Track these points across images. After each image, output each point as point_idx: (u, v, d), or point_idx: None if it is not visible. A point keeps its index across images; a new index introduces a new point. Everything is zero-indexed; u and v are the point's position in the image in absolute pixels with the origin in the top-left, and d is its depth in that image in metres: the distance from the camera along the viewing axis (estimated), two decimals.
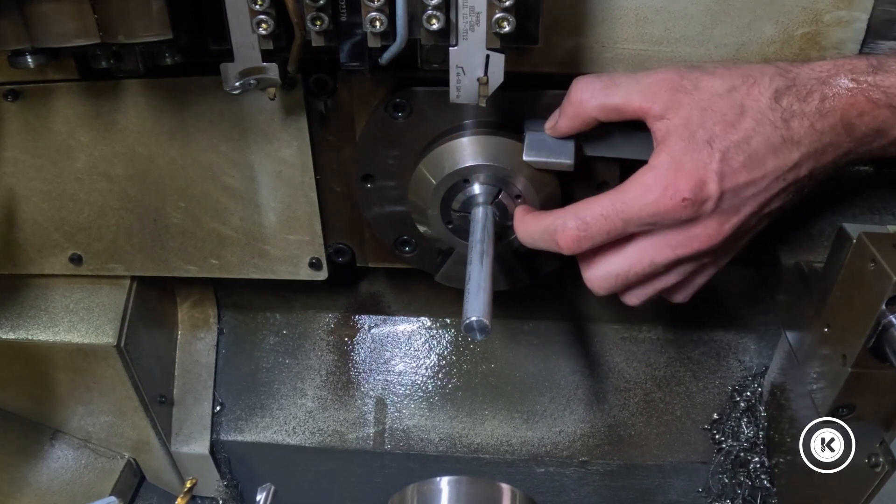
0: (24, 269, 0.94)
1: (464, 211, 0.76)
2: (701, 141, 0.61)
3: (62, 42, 0.62)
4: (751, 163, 0.61)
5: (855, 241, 0.65)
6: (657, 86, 0.63)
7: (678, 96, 0.62)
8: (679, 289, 0.71)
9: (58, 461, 1.05)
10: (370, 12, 0.60)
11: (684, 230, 0.63)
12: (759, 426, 0.97)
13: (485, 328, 0.61)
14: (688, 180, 0.61)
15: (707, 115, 0.61)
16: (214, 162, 0.84)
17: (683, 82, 0.62)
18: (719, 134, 0.61)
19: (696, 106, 0.62)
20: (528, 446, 1.03)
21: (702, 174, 0.61)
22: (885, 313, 0.60)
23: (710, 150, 0.61)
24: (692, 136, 0.61)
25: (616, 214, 0.63)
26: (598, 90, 0.65)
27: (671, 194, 0.61)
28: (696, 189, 0.61)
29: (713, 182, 0.61)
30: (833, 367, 0.67)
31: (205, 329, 1.09)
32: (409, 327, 1.07)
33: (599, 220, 0.64)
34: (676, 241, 0.64)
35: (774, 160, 0.62)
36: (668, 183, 0.61)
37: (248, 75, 0.67)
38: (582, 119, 0.67)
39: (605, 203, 0.64)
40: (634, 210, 0.62)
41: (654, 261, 0.65)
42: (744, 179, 0.62)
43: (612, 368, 1.04)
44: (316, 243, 0.89)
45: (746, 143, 0.61)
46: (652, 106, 0.63)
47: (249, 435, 1.06)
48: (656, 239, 0.64)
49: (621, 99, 0.64)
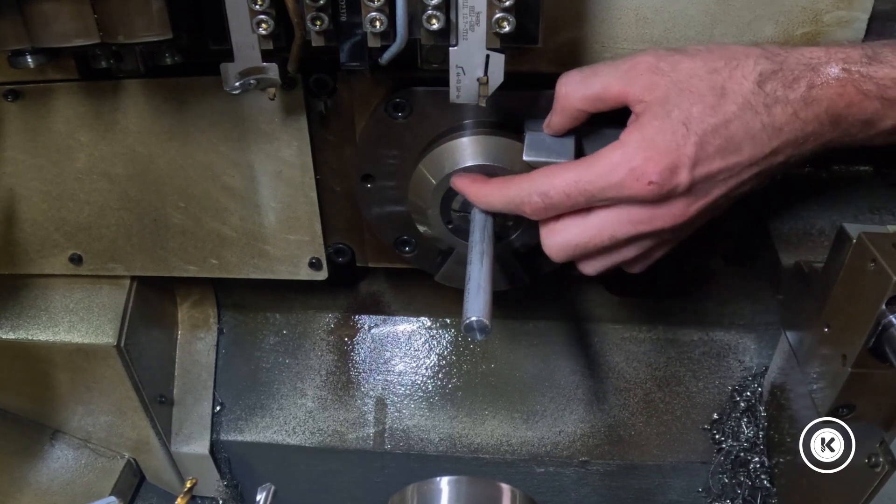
0: (24, 269, 0.94)
1: (464, 211, 0.76)
2: (676, 121, 0.59)
3: (62, 42, 0.62)
4: (726, 148, 0.60)
5: (855, 241, 0.65)
6: (634, 70, 0.62)
7: (655, 78, 0.61)
8: (637, 261, 0.70)
9: (58, 461, 1.05)
10: (370, 12, 0.60)
11: (648, 209, 0.62)
12: (759, 426, 0.97)
13: (485, 328, 0.61)
14: (657, 163, 0.59)
15: (684, 96, 0.60)
16: (214, 162, 0.84)
17: (661, 64, 0.61)
18: (697, 116, 0.59)
19: (674, 86, 0.60)
20: (528, 446, 1.03)
21: (674, 158, 0.59)
22: (885, 313, 0.60)
23: (685, 132, 0.59)
24: (667, 115, 0.60)
25: (579, 192, 0.62)
26: (579, 82, 0.64)
27: (637, 175, 0.60)
28: (666, 173, 0.59)
29: (685, 169, 0.59)
30: (833, 367, 0.67)
31: (205, 329, 1.09)
32: (409, 327, 1.07)
33: (561, 196, 0.63)
34: (639, 217, 0.63)
35: (751, 147, 0.60)
36: (636, 164, 0.60)
37: (248, 75, 0.67)
38: (570, 113, 0.66)
39: (569, 178, 0.63)
40: (597, 188, 0.61)
41: (614, 235, 0.64)
42: (717, 166, 0.60)
43: (612, 368, 1.04)
44: (316, 243, 0.89)
45: (724, 128, 0.59)
46: (630, 90, 0.62)
47: (249, 435, 1.06)
48: (618, 212, 0.63)
49: (601, 87, 0.63)
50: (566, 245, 0.66)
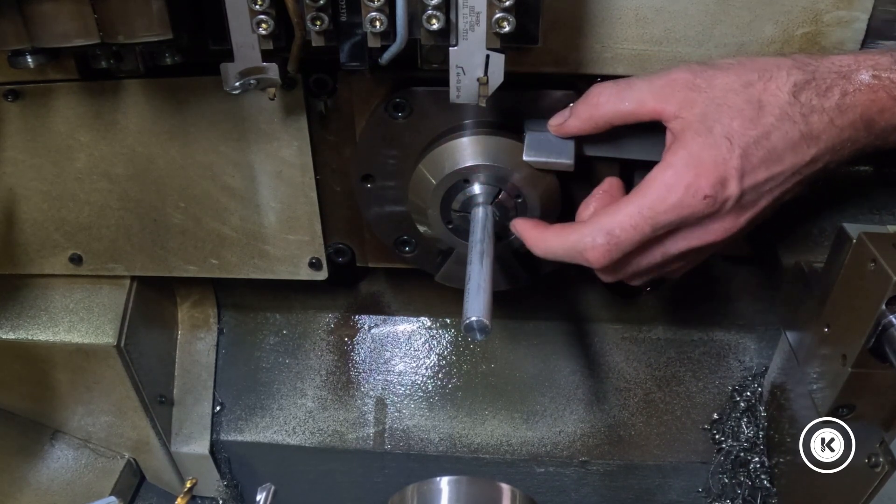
0: (24, 269, 0.94)
1: (464, 211, 0.76)
2: (719, 136, 0.60)
3: (62, 42, 0.62)
4: (770, 159, 0.61)
5: (855, 241, 0.65)
6: (670, 86, 0.62)
7: (692, 94, 0.62)
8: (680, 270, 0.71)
9: (58, 461, 1.05)
10: (370, 12, 0.60)
11: (702, 226, 0.63)
12: (759, 426, 0.97)
13: (485, 328, 0.61)
14: (708, 177, 0.60)
15: (723, 111, 0.61)
16: (214, 162, 0.84)
17: (697, 80, 0.62)
18: (738, 129, 0.60)
19: (712, 102, 0.61)
20: (528, 446, 1.03)
21: (722, 171, 0.60)
22: (885, 313, 0.60)
23: (729, 146, 0.60)
24: (709, 131, 0.61)
25: (644, 222, 0.62)
26: (614, 95, 0.65)
27: (693, 192, 0.60)
28: (718, 186, 0.60)
29: (734, 180, 0.60)
30: (833, 367, 0.67)
31: (205, 329, 1.09)
32: (409, 327, 1.07)
33: (629, 231, 0.63)
34: (693, 234, 0.64)
35: (793, 156, 0.61)
36: (690, 181, 0.60)
37: (248, 75, 0.67)
38: (595, 122, 0.66)
39: (631, 211, 0.62)
40: (661, 213, 0.62)
41: (666, 252, 0.65)
42: (763, 176, 0.61)
43: (612, 368, 1.04)
44: (316, 243, 0.89)
45: (766, 139, 0.60)
46: (666, 107, 0.62)
47: (249, 435, 1.06)
48: (676, 238, 0.64)
49: (635, 103, 0.64)
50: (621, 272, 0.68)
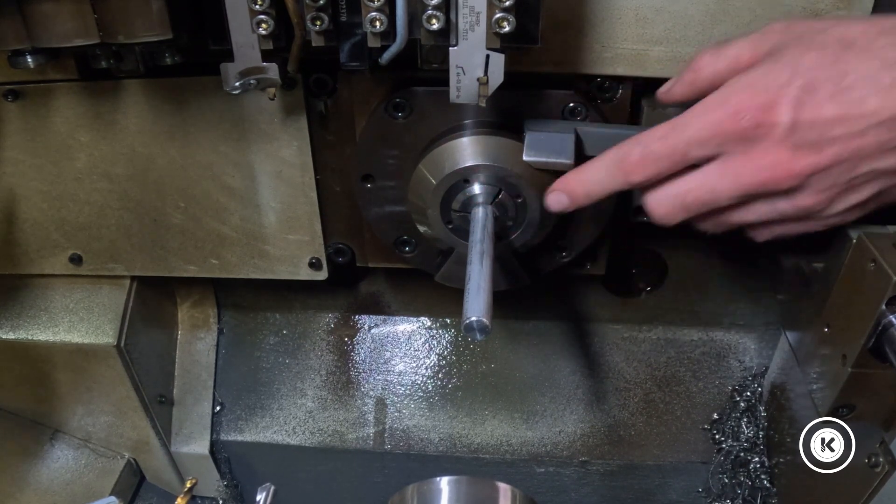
0: (24, 269, 0.94)
1: (464, 211, 0.76)
2: (783, 64, 0.55)
3: (62, 42, 0.62)
4: (842, 97, 0.53)
5: (855, 241, 0.65)
6: (765, 34, 0.60)
7: (783, 37, 0.58)
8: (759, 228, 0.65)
9: (58, 461, 1.05)
10: (370, 12, 0.60)
11: (748, 157, 0.57)
12: (759, 426, 0.97)
13: (485, 328, 0.61)
14: (754, 99, 0.55)
15: (803, 45, 0.55)
16: (214, 162, 0.84)
17: (794, 26, 0.59)
18: (809, 62, 0.54)
19: (796, 38, 0.57)
20: (528, 446, 1.03)
21: (773, 96, 0.55)
22: (885, 313, 0.60)
23: (791, 75, 0.54)
24: (775, 61, 0.56)
25: (675, 134, 0.59)
26: (712, 56, 0.61)
27: (734, 111, 0.56)
28: (762, 109, 0.55)
29: (786, 107, 0.54)
30: (833, 367, 0.67)
31: (205, 329, 1.09)
32: (409, 327, 1.07)
33: (659, 142, 0.60)
34: (740, 167, 0.58)
35: (877, 100, 0.52)
36: (733, 101, 0.56)
37: (248, 75, 0.67)
38: (698, 86, 0.63)
39: (665, 125, 0.60)
40: (694, 130, 0.58)
41: (714, 187, 0.59)
42: (830, 113, 0.53)
43: (612, 368, 1.04)
44: (316, 243, 0.89)
45: (841, 77, 0.53)
46: (759, 53, 0.59)
47: (249, 435, 1.06)
48: (719, 164, 0.59)
49: (732, 59, 0.60)
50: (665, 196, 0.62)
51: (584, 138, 0.73)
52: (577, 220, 0.82)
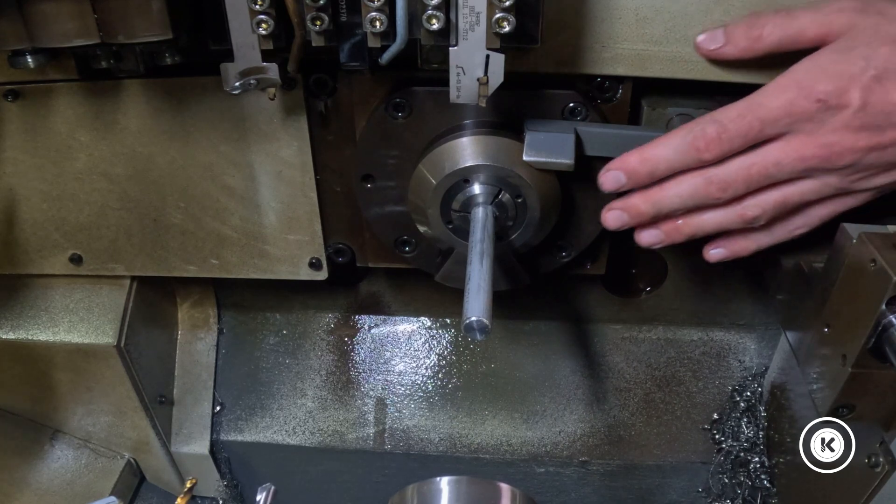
0: (24, 269, 0.94)
1: (464, 211, 0.76)
2: (857, 56, 0.59)
3: (62, 42, 0.62)
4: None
5: (855, 241, 0.65)
6: (836, 14, 0.61)
7: (856, 18, 0.60)
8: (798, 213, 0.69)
9: (58, 461, 1.05)
10: (370, 12, 0.60)
11: (816, 135, 0.61)
12: (759, 426, 0.97)
13: (485, 328, 0.61)
14: (827, 83, 0.59)
15: (878, 37, 0.59)
16: (214, 162, 0.84)
17: (867, 8, 0.61)
18: (883, 55, 0.58)
19: (871, 28, 0.59)
20: (528, 446, 1.03)
21: (845, 83, 0.59)
22: (885, 313, 0.60)
23: (864, 66, 0.58)
24: (849, 50, 0.59)
25: (751, 113, 0.62)
26: (777, 27, 0.63)
27: (806, 94, 0.60)
28: (835, 93, 0.59)
29: (856, 91, 0.58)
30: (833, 367, 0.67)
31: (205, 329, 1.09)
32: (409, 327, 1.07)
33: (736, 121, 0.62)
34: (807, 143, 0.62)
35: None
36: (805, 84, 0.60)
37: (248, 75, 0.67)
38: (754, 53, 0.65)
39: (741, 105, 0.63)
40: (769, 109, 0.61)
41: (779, 160, 0.63)
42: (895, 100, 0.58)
43: (612, 368, 1.04)
44: (316, 243, 0.89)
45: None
46: (829, 33, 0.61)
47: (249, 435, 1.06)
48: (786, 141, 0.63)
49: (797, 30, 0.62)
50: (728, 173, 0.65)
51: (584, 138, 0.73)
52: (577, 219, 0.82)
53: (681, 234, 0.70)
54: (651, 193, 0.68)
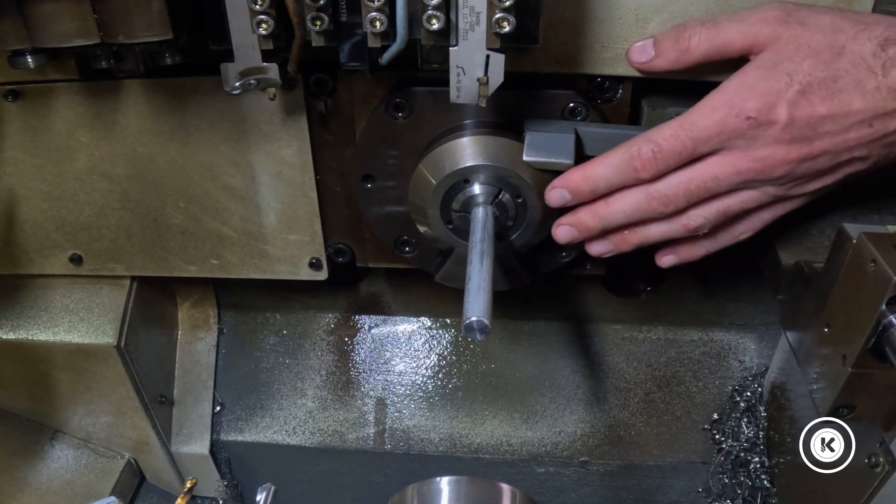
0: (24, 269, 0.94)
1: (464, 211, 0.76)
2: (782, 72, 0.61)
3: (62, 42, 0.62)
4: (832, 100, 0.60)
5: (855, 241, 0.65)
6: (761, 24, 0.63)
7: (779, 30, 0.62)
8: (741, 218, 0.71)
9: (58, 461, 1.05)
10: (370, 12, 0.60)
11: (749, 150, 0.63)
12: (759, 426, 0.97)
13: (485, 328, 0.61)
14: (756, 101, 0.61)
15: (800, 50, 0.61)
16: (214, 162, 0.84)
17: (788, 18, 0.62)
18: (805, 69, 0.60)
19: (793, 41, 0.61)
20: (528, 446, 1.03)
21: (772, 99, 0.61)
22: (885, 313, 0.60)
23: (788, 81, 0.60)
24: (774, 67, 0.61)
25: (684, 132, 0.64)
26: (704, 40, 0.65)
27: (736, 112, 0.62)
28: (763, 110, 0.61)
29: (783, 105, 0.60)
30: (833, 367, 0.67)
31: (205, 329, 1.09)
32: (409, 327, 1.07)
33: (669, 140, 0.64)
34: (741, 159, 0.64)
35: (862, 102, 0.60)
36: (735, 102, 0.62)
37: (248, 75, 0.67)
38: (683, 64, 0.67)
39: (674, 124, 0.65)
40: (701, 128, 0.63)
41: (716, 175, 0.65)
42: (821, 113, 0.60)
43: (612, 368, 1.04)
44: (316, 243, 0.89)
45: (832, 82, 0.60)
46: (754, 44, 0.63)
47: (249, 435, 1.06)
48: (722, 157, 0.65)
49: (724, 44, 0.64)
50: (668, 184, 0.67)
51: (584, 138, 0.73)
52: None
53: (629, 244, 0.73)
54: (597, 209, 0.71)
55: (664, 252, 0.76)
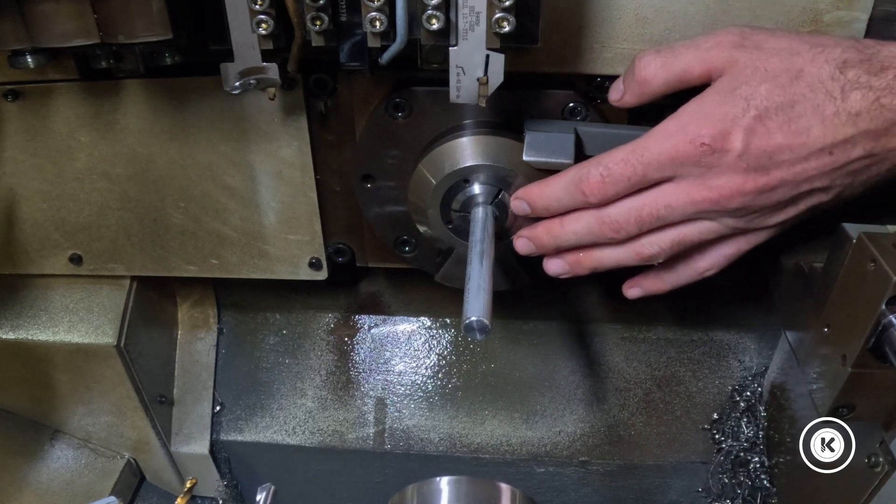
0: (24, 269, 0.94)
1: (464, 211, 0.76)
2: (739, 97, 0.59)
3: (62, 42, 0.62)
4: (790, 127, 0.58)
5: (855, 241, 0.65)
6: (717, 49, 0.61)
7: (735, 54, 0.60)
8: (701, 252, 0.69)
9: (58, 461, 1.05)
10: (370, 12, 0.60)
11: (704, 179, 0.61)
12: (759, 426, 0.97)
13: (485, 328, 0.61)
14: (711, 128, 0.59)
15: (757, 75, 0.59)
16: (214, 162, 0.84)
17: (745, 42, 0.61)
18: (762, 93, 0.58)
19: (750, 64, 0.59)
20: (528, 446, 1.03)
21: (728, 125, 0.59)
22: (885, 313, 0.60)
23: (745, 106, 0.58)
24: (731, 91, 0.59)
25: (635, 157, 0.62)
26: (660, 68, 0.63)
27: (691, 139, 0.60)
28: (718, 137, 0.59)
29: (739, 134, 0.58)
30: (833, 367, 0.67)
31: (205, 329, 1.09)
32: (409, 327, 1.07)
33: (620, 165, 0.63)
34: (695, 187, 0.62)
35: (821, 130, 0.58)
36: (690, 129, 0.60)
37: (248, 75, 0.67)
38: (648, 97, 0.66)
39: (626, 149, 0.63)
40: (653, 154, 0.61)
41: (669, 203, 0.63)
42: (778, 141, 0.58)
43: (612, 368, 1.04)
44: (316, 243, 0.89)
45: (790, 108, 0.58)
46: (711, 69, 0.61)
47: (249, 435, 1.06)
48: (675, 185, 0.63)
49: (681, 70, 0.63)
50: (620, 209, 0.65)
51: (584, 138, 0.73)
52: None
53: (583, 267, 0.71)
54: (552, 227, 0.70)
55: (630, 284, 0.76)
